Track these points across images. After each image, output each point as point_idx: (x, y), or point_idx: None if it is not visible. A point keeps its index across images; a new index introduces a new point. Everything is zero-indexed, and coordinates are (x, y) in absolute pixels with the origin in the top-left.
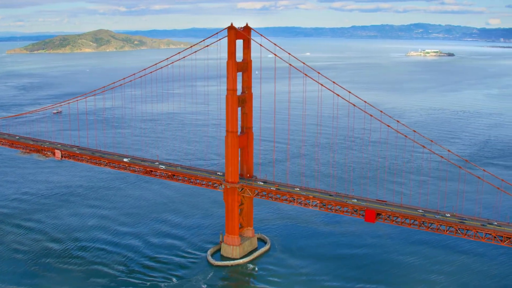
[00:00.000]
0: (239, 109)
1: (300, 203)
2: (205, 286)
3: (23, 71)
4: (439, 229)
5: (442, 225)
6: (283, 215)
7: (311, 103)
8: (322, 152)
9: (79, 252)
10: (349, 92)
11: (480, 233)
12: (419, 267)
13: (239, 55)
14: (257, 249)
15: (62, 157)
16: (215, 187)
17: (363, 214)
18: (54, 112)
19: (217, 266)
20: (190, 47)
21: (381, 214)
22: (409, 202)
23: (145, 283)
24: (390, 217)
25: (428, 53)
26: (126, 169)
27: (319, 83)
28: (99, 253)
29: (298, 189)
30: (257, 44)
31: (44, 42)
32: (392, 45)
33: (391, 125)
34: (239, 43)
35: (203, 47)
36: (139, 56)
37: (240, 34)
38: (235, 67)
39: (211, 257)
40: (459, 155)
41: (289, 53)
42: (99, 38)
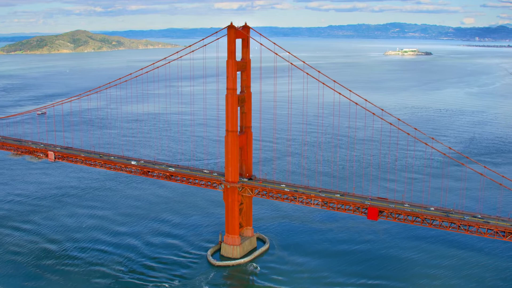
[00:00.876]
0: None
1: (302, 202)
2: (207, 286)
3: (2, 73)
4: (441, 226)
5: (444, 222)
6: (280, 213)
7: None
8: (315, 150)
9: (79, 253)
10: (350, 90)
11: (482, 228)
12: (419, 261)
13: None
14: (256, 248)
15: (55, 158)
16: (214, 187)
17: (365, 212)
18: (38, 113)
19: (218, 266)
20: (188, 47)
21: (383, 211)
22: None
23: (147, 284)
24: (392, 214)
25: (406, 52)
26: (122, 170)
27: (320, 82)
28: (99, 254)
29: (300, 189)
30: (257, 43)
31: (21, 43)
32: (369, 45)
33: (392, 124)
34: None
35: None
36: (118, 56)
37: (239, 33)
38: (235, 66)
39: (211, 257)
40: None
41: (289, 52)
42: (76, 38)
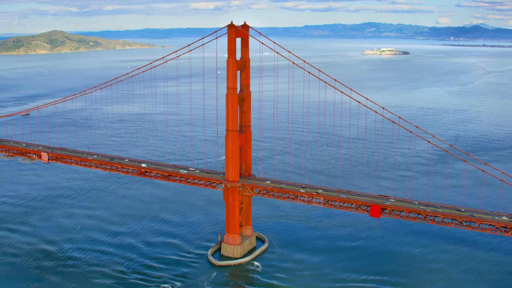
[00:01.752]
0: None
1: (303, 200)
2: (211, 286)
3: None
4: (443, 222)
5: (446, 218)
6: (277, 212)
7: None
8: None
9: (79, 254)
10: (351, 89)
11: (484, 224)
12: (419, 256)
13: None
14: (255, 247)
15: (49, 159)
16: (214, 186)
17: (368, 209)
18: (22, 114)
19: (220, 266)
20: (187, 46)
21: (385, 209)
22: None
23: (149, 285)
24: (395, 212)
25: (383, 51)
26: (118, 171)
27: (321, 80)
28: (99, 255)
29: (302, 187)
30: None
31: None
32: (345, 44)
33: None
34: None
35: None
36: (96, 57)
37: (240, 32)
38: (236, 65)
39: (212, 257)
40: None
41: (289, 51)
42: (53, 39)
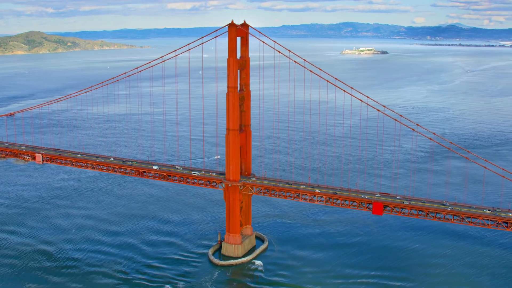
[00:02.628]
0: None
1: (305, 199)
2: (214, 286)
3: None
4: (445, 219)
5: (448, 214)
6: (276, 211)
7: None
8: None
9: (79, 255)
10: (352, 88)
11: (486, 220)
12: (419, 251)
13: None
14: (255, 246)
15: (43, 161)
16: (214, 186)
17: (370, 207)
18: (6, 114)
19: (222, 265)
20: (186, 46)
21: (388, 206)
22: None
23: (151, 285)
24: (397, 209)
25: (362, 51)
26: (116, 171)
27: (323, 79)
28: (99, 255)
29: (304, 186)
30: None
31: None
32: (323, 44)
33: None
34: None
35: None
36: (75, 58)
37: (240, 31)
38: (236, 64)
39: (213, 256)
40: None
41: (290, 50)
42: (31, 40)
